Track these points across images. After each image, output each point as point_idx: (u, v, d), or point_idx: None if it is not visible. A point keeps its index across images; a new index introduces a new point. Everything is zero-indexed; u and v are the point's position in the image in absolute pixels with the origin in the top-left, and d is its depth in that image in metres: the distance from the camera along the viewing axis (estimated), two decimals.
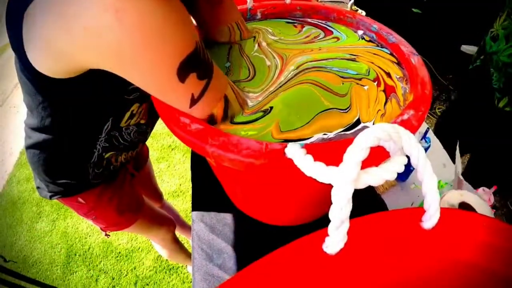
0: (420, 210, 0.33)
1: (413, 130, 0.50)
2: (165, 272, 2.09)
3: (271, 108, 0.60)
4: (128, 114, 0.82)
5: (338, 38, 0.82)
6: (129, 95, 0.73)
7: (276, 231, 0.84)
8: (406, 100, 0.61)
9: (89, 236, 2.43)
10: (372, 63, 0.71)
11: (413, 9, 3.10)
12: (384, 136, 0.29)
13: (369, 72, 0.68)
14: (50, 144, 0.86)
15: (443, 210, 0.33)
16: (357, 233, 0.31)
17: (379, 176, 0.30)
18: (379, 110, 0.59)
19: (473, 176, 2.06)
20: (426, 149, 0.96)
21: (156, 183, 1.66)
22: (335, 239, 0.28)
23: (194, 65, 0.49)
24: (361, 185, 0.29)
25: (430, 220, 0.32)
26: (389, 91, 0.63)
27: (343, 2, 5.50)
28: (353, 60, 0.72)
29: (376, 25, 0.82)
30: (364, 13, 3.90)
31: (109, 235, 1.27)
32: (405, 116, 0.51)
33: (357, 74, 0.68)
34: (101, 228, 1.22)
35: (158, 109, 0.56)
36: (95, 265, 2.27)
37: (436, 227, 0.33)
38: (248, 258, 0.82)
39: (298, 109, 0.59)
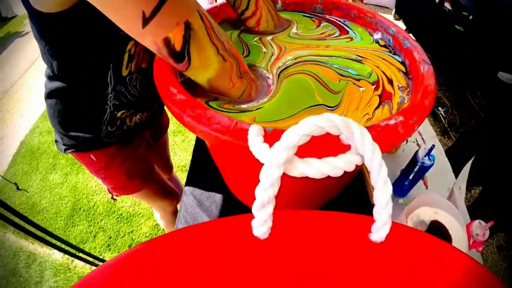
0: (370, 219, 0.31)
1: (399, 138, 0.47)
2: None
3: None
4: (126, 57, 0.81)
5: (351, 39, 0.80)
6: (122, 30, 0.71)
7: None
8: (400, 109, 0.59)
9: (96, 194, 2.52)
10: (377, 67, 0.69)
11: (456, 26, 2.99)
12: (330, 128, 0.28)
13: (370, 75, 0.67)
14: (62, 93, 0.88)
15: (407, 229, 0.31)
16: (295, 224, 0.31)
17: (317, 168, 0.29)
18: (367, 114, 0.58)
19: (480, 210, 2.01)
20: (428, 167, 0.93)
21: (169, 155, 1.68)
22: (258, 220, 0.28)
23: None
24: (296, 173, 0.28)
25: (378, 232, 0.30)
26: (385, 97, 0.62)
27: (388, 8, 5.41)
28: (359, 61, 0.71)
29: (394, 28, 0.79)
30: (404, 26, 3.85)
31: (115, 199, 1.30)
32: (392, 121, 0.48)
33: (357, 74, 0.67)
34: (108, 190, 1.25)
35: (155, 79, 0.58)
36: (96, 222, 2.36)
37: (388, 244, 0.30)
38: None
39: (290, 99, 0.60)
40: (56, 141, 1.06)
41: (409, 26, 3.75)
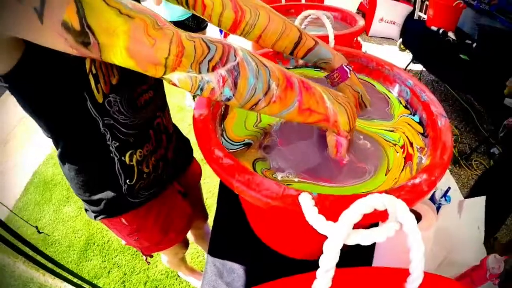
0: (405, 271, 0.38)
1: (422, 195, 0.53)
2: (175, 279, 2.14)
3: None
4: (91, 78, 0.74)
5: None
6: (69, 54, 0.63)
7: (287, 262, 0.88)
8: (419, 169, 0.65)
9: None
10: (403, 132, 0.77)
11: (461, 55, 3.08)
12: (379, 206, 0.35)
13: (399, 139, 0.75)
14: (66, 159, 0.91)
15: (437, 278, 0.37)
16: (349, 279, 0.37)
17: (368, 237, 0.35)
18: (396, 178, 0.65)
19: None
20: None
21: (204, 204, 1.67)
22: (321, 282, 0.34)
23: None
24: (351, 242, 0.35)
25: (413, 283, 0.37)
26: (407, 159, 0.69)
27: (393, 39, 5.49)
28: (392, 131, 0.78)
29: (411, 81, 0.86)
30: (411, 54, 3.92)
31: (149, 262, 1.29)
32: (417, 180, 0.54)
33: (393, 140, 0.75)
34: (142, 252, 1.23)
35: (199, 142, 0.63)
36: (111, 258, 2.35)
37: None
38: (256, 282, 0.86)
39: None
40: (86, 209, 1.06)
41: (415, 56, 3.84)
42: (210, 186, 2.75)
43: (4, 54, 0.61)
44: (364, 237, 0.35)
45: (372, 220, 0.39)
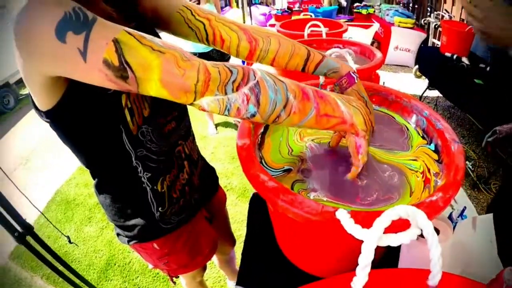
0: (427, 271, 0.48)
1: (439, 209, 0.62)
2: None
3: None
4: (127, 112, 0.84)
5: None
6: (107, 90, 0.75)
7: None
8: (435, 189, 0.75)
9: (133, 251, 2.57)
10: (423, 161, 0.86)
11: (475, 80, 3.13)
12: (404, 214, 0.45)
13: (420, 167, 0.84)
14: (102, 188, 1.00)
15: (455, 277, 0.48)
16: (381, 278, 0.46)
17: (396, 240, 0.45)
18: (418, 198, 0.75)
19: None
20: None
21: (230, 228, 1.73)
22: (360, 277, 0.43)
23: (67, 27, 0.57)
24: (383, 244, 0.45)
25: (433, 279, 0.47)
26: (426, 182, 0.79)
27: (408, 67, 5.56)
28: (415, 160, 0.87)
29: (427, 111, 0.95)
30: (427, 81, 3.97)
31: (175, 282, 1.33)
32: (434, 198, 0.64)
33: (415, 168, 0.84)
34: (168, 274, 1.28)
35: (244, 168, 0.72)
36: (131, 279, 2.37)
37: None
38: None
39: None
40: (118, 234, 1.13)
41: (431, 83, 3.90)
42: (231, 212, 2.79)
43: (48, 92, 0.71)
44: (392, 240, 0.45)
45: (398, 230, 0.49)
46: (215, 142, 4.00)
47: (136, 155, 0.91)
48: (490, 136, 1.74)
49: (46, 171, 3.79)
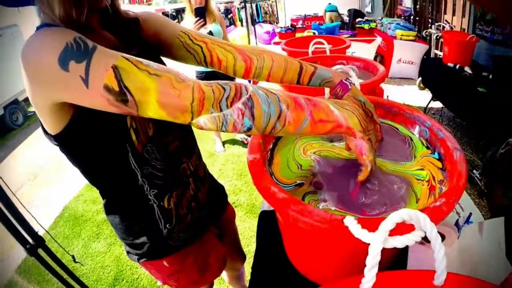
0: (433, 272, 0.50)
1: (443, 214, 0.65)
2: None
3: None
4: (132, 133, 0.88)
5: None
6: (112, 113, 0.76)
7: None
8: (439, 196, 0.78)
9: (140, 267, 2.57)
10: (429, 170, 0.89)
11: (478, 88, 3.15)
12: (407, 218, 0.48)
13: (426, 175, 0.87)
14: (110, 208, 1.03)
15: (460, 277, 0.51)
16: (389, 279, 0.50)
17: (401, 241, 0.49)
18: (424, 204, 0.78)
19: None
20: None
21: (240, 245, 1.74)
22: (368, 277, 0.47)
23: (69, 56, 0.63)
24: (388, 246, 0.48)
25: (439, 278, 0.49)
26: (431, 190, 0.82)
27: (412, 79, 5.59)
28: (422, 169, 0.90)
29: (429, 122, 0.98)
30: (430, 94, 3.98)
31: None
32: (438, 203, 0.66)
33: (422, 177, 0.87)
34: None
35: (255, 181, 0.75)
36: None
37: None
38: None
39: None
40: (128, 252, 1.14)
41: (435, 94, 3.92)
42: (239, 228, 2.78)
43: (55, 117, 0.76)
44: (397, 241, 0.49)
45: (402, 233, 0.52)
46: (223, 160, 4.05)
47: (142, 173, 0.94)
48: (504, 147, 1.74)
49: (54, 187, 3.85)
